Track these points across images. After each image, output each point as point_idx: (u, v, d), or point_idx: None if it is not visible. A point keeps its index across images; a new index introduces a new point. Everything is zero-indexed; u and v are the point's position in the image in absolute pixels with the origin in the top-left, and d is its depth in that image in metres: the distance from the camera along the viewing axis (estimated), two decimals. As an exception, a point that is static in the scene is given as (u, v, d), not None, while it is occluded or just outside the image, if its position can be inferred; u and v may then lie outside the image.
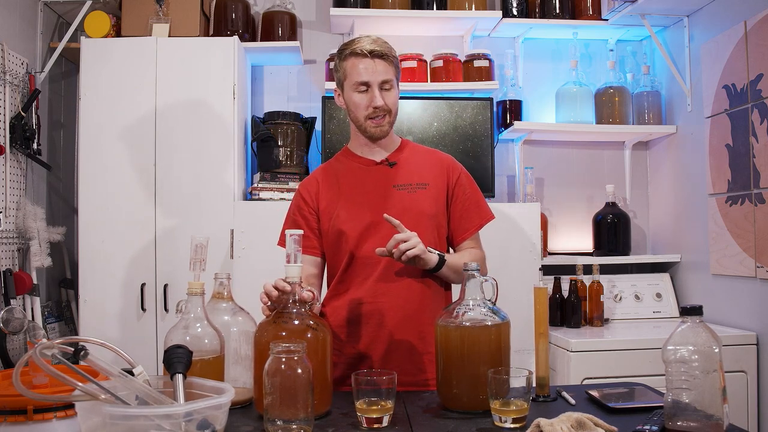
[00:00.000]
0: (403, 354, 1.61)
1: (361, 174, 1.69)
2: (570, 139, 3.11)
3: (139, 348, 2.51)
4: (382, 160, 1.69)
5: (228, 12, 2.89)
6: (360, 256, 1.63)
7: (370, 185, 1.67)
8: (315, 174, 1.75)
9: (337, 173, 1.71)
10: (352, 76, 1.61)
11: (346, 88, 1.64)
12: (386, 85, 1.61)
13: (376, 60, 1.59)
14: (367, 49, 1.58)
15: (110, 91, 2.61)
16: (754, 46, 2.38)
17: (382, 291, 1.61)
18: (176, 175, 2.61)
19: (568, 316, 2.70)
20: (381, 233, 1.60)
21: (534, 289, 1.41)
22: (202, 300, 1.32)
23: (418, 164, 1.70)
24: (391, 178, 1.67)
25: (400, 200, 1.64)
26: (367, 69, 1.59)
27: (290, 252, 1.28)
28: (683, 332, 1.12)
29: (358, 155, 1.72)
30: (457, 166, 1.74)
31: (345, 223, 1.64)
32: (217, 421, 1.04)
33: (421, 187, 1.66)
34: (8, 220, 2.55)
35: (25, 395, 0.98)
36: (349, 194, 1.67)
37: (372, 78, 1.59)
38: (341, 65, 1.64)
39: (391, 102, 1.63)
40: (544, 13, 2.99)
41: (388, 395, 1.23)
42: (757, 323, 2.42)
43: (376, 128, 1.64)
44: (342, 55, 1.63)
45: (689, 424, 1.09)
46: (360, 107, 1.62)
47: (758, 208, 2.37)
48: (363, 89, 1.61)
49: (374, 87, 1.60)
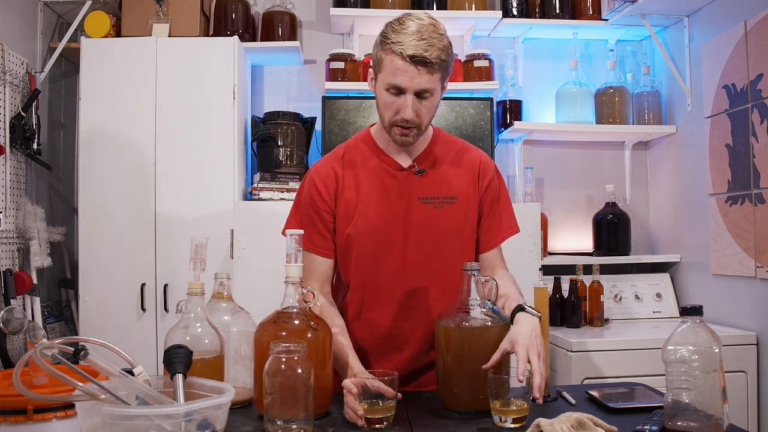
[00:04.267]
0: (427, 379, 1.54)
1: (384, 179, 1.51)
2: (570, 139, 3.11)
3: (139, 348, 2.51)
4: (409, 165, 1.51)
5: (228, 12, 2.89)
6: (375, 276, 1.50)
7: (394, 194, 1.50)
8: (332, 164, 1.54)
9: (357, 171, 1.52)
10: (386, 75, 1.39)
11: (379, 81, 1.43)
12: (426, 94, 1.40)
13: (418, 68, 1.36)
14: (408, 54, 1.34)
15: (110, 91, 2.61)
16: (754, 46, 2.38)
17: (403, 316, 1.50)
18: (176, 174, 2.61)
19: (568, 316, 2.70)
20: (400, 250, 1.49)
21: (534, 289, 1.42)
22: (202, 300, 1.31)
23: (448, 170, 1.53)
24: (416, 189, 1.50)
25: (425, 217, 1.49)
26: (404, 75, 1.37)
27: (290, 252, 1.28)
28: (683, 332, 1.12)
29: (382, 150, 1.53)
30: (489, 170, 1.56)
31: (362, 234, 1.49)
32: (217, 421, 1.04)
33: (448, 201, 1.50)
34: (8, 220, 2.54)
35: (25, 395, 0.98)
36: (368, 201, 1.50)
37: (408, 85, 1.38)
38: (381, 56, 1.41)
39: (424, 113, 1.42)
40: (544, 13, 2.99)
41: (390, 396, 1.23)
42: (757, 323, 2.42)
43: (401, 137, 1.45)
44: (383, 45, 1.40)
45: (689, 424, 1.09)
46: (388, 110, 1.43)
47: (758, 208, 2.37)
48: (395, 92, 1.40)
49: (408, 96, 1.39)
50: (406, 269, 1.50)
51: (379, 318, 1.52)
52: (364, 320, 1.54)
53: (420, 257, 1.50)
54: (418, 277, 1.50)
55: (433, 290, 1.51)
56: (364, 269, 1.51)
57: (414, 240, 1.49)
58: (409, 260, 1.50)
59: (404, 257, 1.49)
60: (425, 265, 1.50)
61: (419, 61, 1.35)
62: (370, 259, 1.50)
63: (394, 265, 1.49)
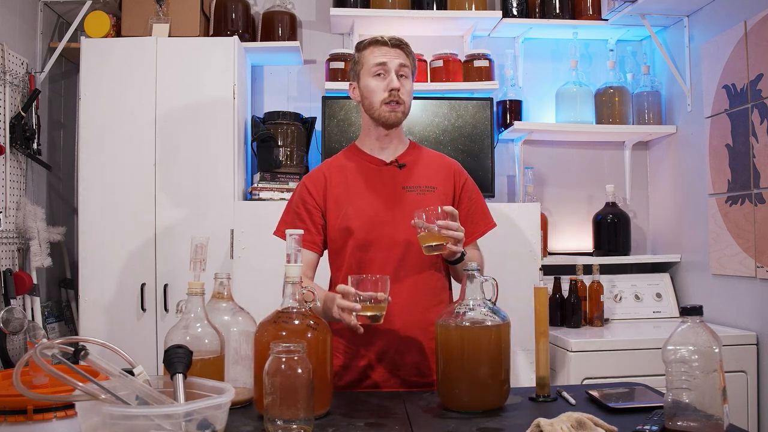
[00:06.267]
0: (414, 355, 1.62)
1: (371, 173, 1.69)
2: (570, 139, 3.11)
3: (139, 348, 2.51)
4: (392, 161, 1.69)
5: (228, 12, 2.89)
6: (368, 257, 1.62)
7: (380, 185, 1.67)
8: (322, 169, 1.73)
9: (345, 170, 1.70)
10: (370, 60, 1.64)
11: (362, 77, 1.66)
12: (403, 71, 1.64)
13: (394, 48, 1.64)
14: (387, 38, 1.64)
15: (110, 91, 2.61)
16: (754, 46, 2.38)
17: (393, 292, 1.59)
18: (176, 175, 2.61)
19: (568, 316, 2.70)
20: (390, 233, 1.62)
21: (534, 289, 1.41)
22: (202, 300, 1.31)
23: (426, 167, 1.71)
24: (400, 180, 1.67)
25: (410, 202, 1.64)
26: (385, 53, 1.63)
27: (290, 252, 1.28)
28: (683, 332, 1.12)
29: (367, 153, 1.71)
30: (463, 172, 1.76)
31: (354, 221, 1.63)
32: (217, 421, 1.04)
33: (429, 190, 1.67)
34: (8, 220, 2.55)
35: (25, 395, 0.98)
36: (358, 193, 1.66)
37: (389, 60, 1.63)
38: (360, 55, 1.67)
39: (405, 93, 1.65)
40: (544, 13, 2.99)
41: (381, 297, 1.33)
42: (757, 323, 2.42)
43: (391, 113, 1.64)
44: (361, 45, 1.68)
45: (689, 424, 1.09)
46: (377, 91, 1.63)
47: (758, 208, 2.37)
48: (380, 72, 1.63)
49: (391, 71, 1.62)
50: (395, 249, 1.63)
51: None
52: None
53: (407, 237, 1.61)
54: (405, 255, 1.63)
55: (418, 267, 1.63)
56: (358, 250, 1.63)
57: (402, 222, 1.61)
58: (397, 241, 1.62)
59: (393, 238, 1.62)
60: (412, 244, 1.60)
61: (395, 43, 1.64)
62: (362, 241, 1.63)
63: (383, 245, 1.62)
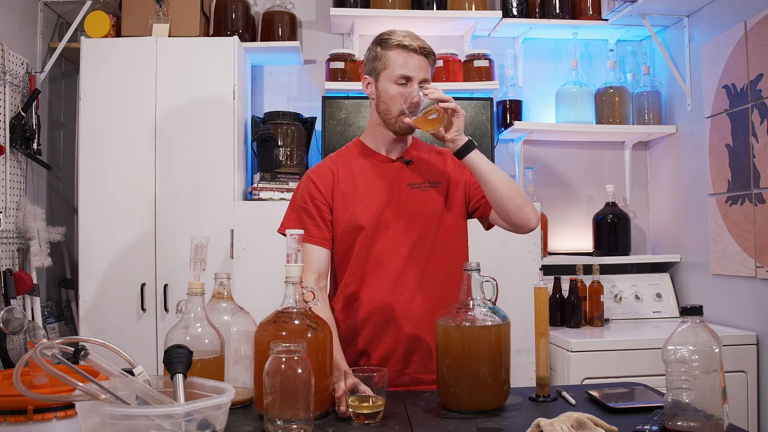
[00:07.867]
0: (423, 354, 1.62)
1: (378, 171, 1.68)
2: (570, 139, 3.11)
3: (139, 348, 2.51)
4: (397, 158, 1.69)
5: (228, 12, 2.89)
6: (374, 254, 1.62)
7: (386, 183, 1.67)
8: (327, 164, 1.71)
9: (351, 166, 1.69)
10: (395, 68, 1.59)
11: (382, 79, 1.61)
12: (424, 83, 1.62)
13: (421, 57, 1.59)
14: (416, 45, 1.58)
15: (110, 91, 2.61)
16: (754, 46, 2.38)
17: (400, 290, 1.62)
18: (176, 175, 2.61)
19: (568, 316, 2.70)
20: (395, 231, 1.63)
21: (534, 289, 1.41)
22: (202, 300, 1.31)
23: (431, 162, 1.72)
24: (405, 177, 1.68)
25: (414, 200, 1.65)
26: (413, 65, 1.58)
27: (290, 252, 1.28)
28: (683, 332, 1.12)
29: (373, 150, 1.70)
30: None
31: (361, 218, 1.62)
32: (217, 421, 1.04)
33: (433, 185, 1.68)
34: (8, 220, 2.55)
35: (25, 395, 0.98)
36: (364, 190, 1.66)
37: (415, 74, 1.58)
38: (385, 54, 1.60)
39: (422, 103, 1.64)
40: (544, 13, 2.99)
41: (379, 392, 1.25)
42: (757, 323, 2.42)
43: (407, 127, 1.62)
44: (386, 44, 1.60)
45: (689, 424, 1.09)
46: (396, 101, 1.60)
47: (758, 208, 2.37)
48: (403, 83, 1.59)
49: (414, 83, 1.59)
50: (401, 246, 1.63)
51: (378, 293, 1.62)
52: (364, 298, 1.63)
53: (412, 235, 1.63)
54: (412, 252, 1.63)
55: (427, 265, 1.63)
56: (364, 248, 1.62)
57: (406, 220, 1.64)
58: (402, 238, 1.63)
59: (398, 236, 1.62)
60: (417, 242, 1.63)
61: (425, 53, 1.60)
62: (369, 238, 1.62)
63: (390, 243, 1.62)
